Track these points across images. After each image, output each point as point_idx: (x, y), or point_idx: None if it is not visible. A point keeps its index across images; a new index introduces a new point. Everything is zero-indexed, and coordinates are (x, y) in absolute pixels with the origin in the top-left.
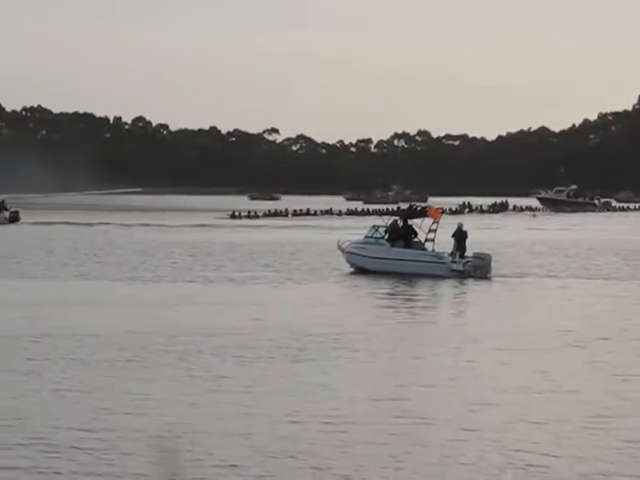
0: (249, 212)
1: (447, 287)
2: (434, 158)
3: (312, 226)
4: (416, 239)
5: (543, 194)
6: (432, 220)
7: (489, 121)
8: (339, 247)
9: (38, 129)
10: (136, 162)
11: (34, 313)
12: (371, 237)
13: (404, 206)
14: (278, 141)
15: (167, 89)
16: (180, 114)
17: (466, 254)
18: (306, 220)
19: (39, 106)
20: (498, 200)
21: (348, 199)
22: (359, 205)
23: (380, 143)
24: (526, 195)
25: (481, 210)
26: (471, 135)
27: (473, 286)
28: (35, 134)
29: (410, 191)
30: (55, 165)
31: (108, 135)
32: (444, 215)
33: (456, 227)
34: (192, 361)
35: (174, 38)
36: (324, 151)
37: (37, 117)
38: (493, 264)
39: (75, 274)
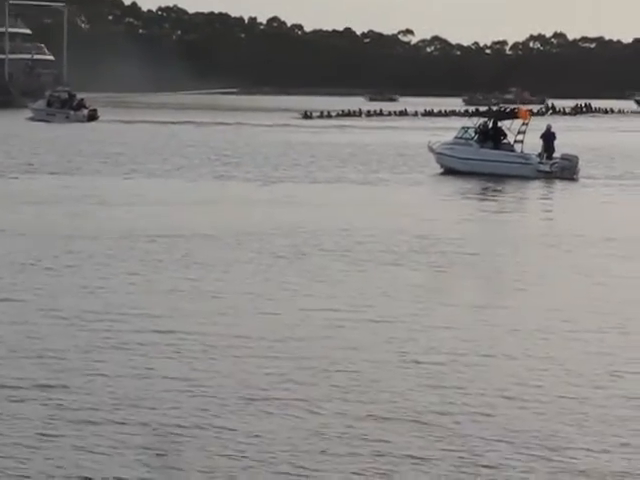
0: (322, 112)
1: (533, 188)
2: (568, 61)
3: (388, 127)
4: (505, 140)
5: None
6: (521, 122)
7: (627, 23)
8: (429, 148)
9: (174, 29)
10: (269, 62)
11: (159, 212)
12: (460, 138)
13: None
14: (412, 42)
15: None
16: (316, 15)
17: (554, 155)
18: (380, 121)
19: (175, 6)
20: (581, 102)
21: (465, 101)
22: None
23: (515, 45)
24: (623, 97)
25: (563, 112)
26: (607, 37)
27: (559, 187)
28: (171, 34)
29: (528, 93)
30: (183, 64)
31: (242, 35)
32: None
33: (545, 128)
34: (304, 261)
35: None
36: (458, 53)
37: (173, 17)
38: (580, 165)
39: (210, 174)
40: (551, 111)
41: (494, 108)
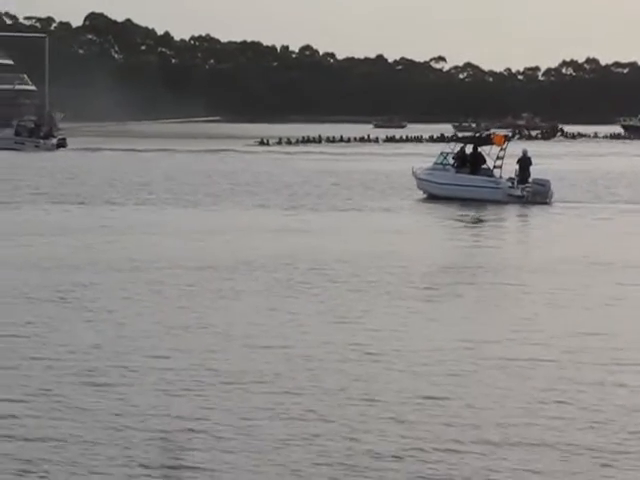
0: (280, 139)
1: (499, 212)
2: (599, 86)
3: (352, 153)
4: (485, 166)
5: (627, 121)
6: (499, 147)
7: None
8: (413, 174)
9: (206, 58)
10: (301, 90)
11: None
12: (439, 164)
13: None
14: (445, 69)
15: (335, 17)
16: (348, 43)
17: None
18: (341, 147)
19: (207, 35)
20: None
21: (455, 127)
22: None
23: (548, 71)
24: (612, 123)
25: (529, 137)
26: None
27: (527, 211)
28: (203, 63)
29: (539, 119)
30: (210, 94)
31: (275, 64)
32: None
33: (521, 153)
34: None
35: None
36: (491, 79)
37: (205, 46)
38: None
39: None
40: (518, 136)
41: (465, 134)
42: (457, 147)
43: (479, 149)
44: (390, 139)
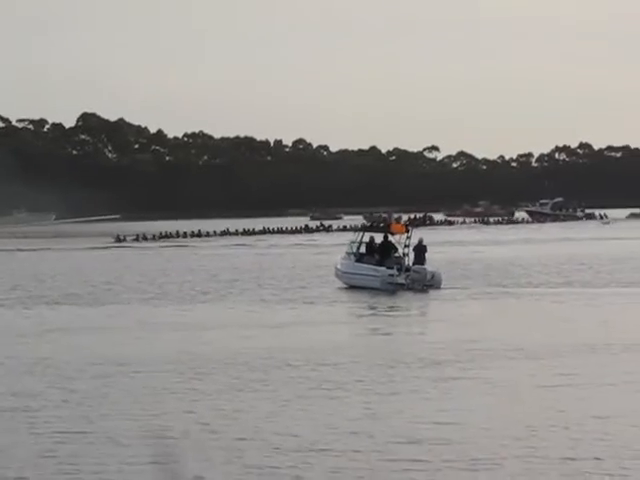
0: (137, 235)
1: (372, 299)
2: (594, 171)
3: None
4: (397, 254)
5: (530, 207)
6: (405, 235)
7: None
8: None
9: (200, 155)
10: (294, 185)
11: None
12: (348, 253)
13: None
14: (438, 159)
15: (327, 110)
16: (340, 135)
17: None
18: (198, 242)
19: (200, 132)
20: (419, 214)
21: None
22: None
23: (541, 157)
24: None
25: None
26: (633, 146)
27: (404, 298)
28: (197, 160)
29: (498, 206)
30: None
31: (269, 158)
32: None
33: (417, 241)
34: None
35: (332, 60)
36: (484, 167)
37: (199, 143)
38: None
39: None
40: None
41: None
42: (360, 236)
43: (389, 238)
44: (247, 232)
